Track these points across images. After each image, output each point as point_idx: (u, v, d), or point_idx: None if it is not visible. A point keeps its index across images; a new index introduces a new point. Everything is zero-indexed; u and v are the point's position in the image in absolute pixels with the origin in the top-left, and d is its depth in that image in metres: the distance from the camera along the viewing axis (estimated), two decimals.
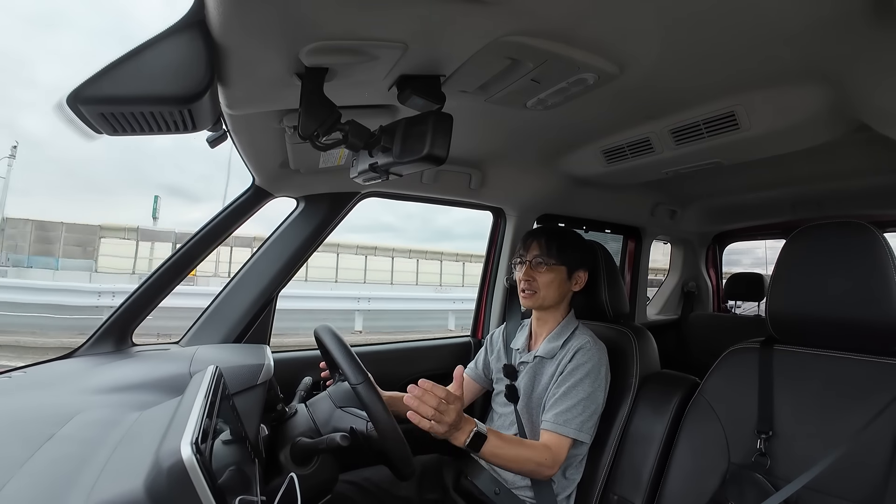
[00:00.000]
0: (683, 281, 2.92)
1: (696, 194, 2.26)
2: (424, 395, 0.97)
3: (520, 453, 1.13)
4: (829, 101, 1.00)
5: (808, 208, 2.16)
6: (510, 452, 1.12)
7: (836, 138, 1.18)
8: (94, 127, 0.71)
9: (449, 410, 0.98)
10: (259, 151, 1.23)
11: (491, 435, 1.07)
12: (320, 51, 0.74)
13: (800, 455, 1.00)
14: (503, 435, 1.15)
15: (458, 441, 1.03)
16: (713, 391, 1.19)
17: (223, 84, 0.80)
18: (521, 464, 1.14)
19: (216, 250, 1.39)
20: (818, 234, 1.08)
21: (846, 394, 1.00)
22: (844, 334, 1.03)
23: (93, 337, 1.24)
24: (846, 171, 1.67)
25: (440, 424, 0.98)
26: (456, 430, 1.02)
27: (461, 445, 1.03)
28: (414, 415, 0.98)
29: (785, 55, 0.87)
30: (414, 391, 0.97)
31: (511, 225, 1.94)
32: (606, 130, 1.34)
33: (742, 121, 1.11)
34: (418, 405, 0.97)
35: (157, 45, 0.65)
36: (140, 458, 0.59)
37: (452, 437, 1.02)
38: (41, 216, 21.19)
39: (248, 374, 1.11)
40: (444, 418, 0.98)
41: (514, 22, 0.72)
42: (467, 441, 1.03)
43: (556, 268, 1.33)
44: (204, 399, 0.69)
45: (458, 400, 1.01)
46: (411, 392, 0.98)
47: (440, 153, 0.78)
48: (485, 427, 1.07)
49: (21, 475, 0.63)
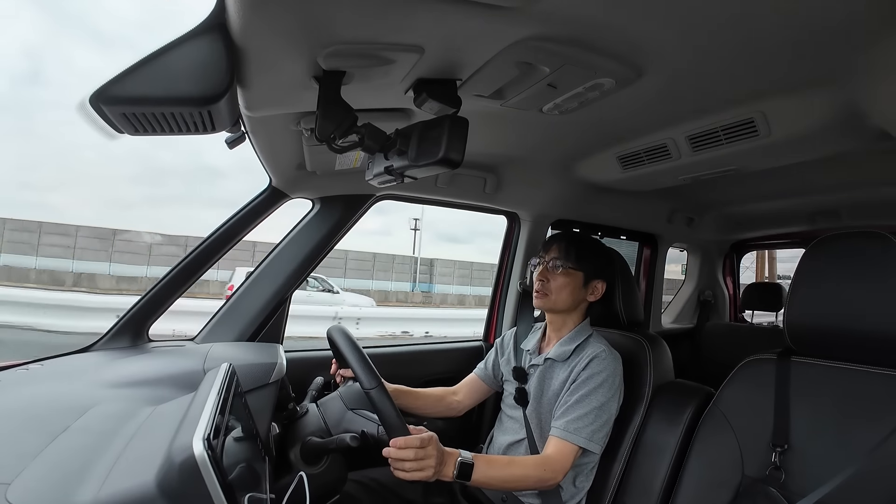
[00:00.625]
0: (699, 289, 2.88)
1: (714, 202, 2.23)
2: (399, 454, 0.96)
3: (513, 473, 1.12)
4: (851, 108, 0.98)
5: (827, 218, 2.12)
6: (503, 474, 1.10)
7: (856, 147, 1.16)
8: (116, 126, 0.72)
9: (427, 454, 0.97)
10: (276, 153, 1.25)
11: (478, 461, 1.05)
12: (338, 54, 0.75)
13: (815, 469, 0.98)
14: (492, 458, 1.14)
15: (447, 475, 1.01)
16: (728, 402, 1.17)
17: (242, 86, 0.81)
18: (519, 482, 1.13)
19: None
20: (838, 244, 1.06)
21: (864, 408, 0.98)
22: (863, 347, 1.00)
23: (110, 332, 1.27)
24: (866, 181, 1.64)
25: (425, 471, 0.97)
26: (442, 467, 1.00)
27: (451, 479, 1.02)
28: (399, 472, 0.97)
29: (805, 62, 0.85)
30: (389, 453, 0.96)
31: (525, 230, 1.94)
32: (623, 136, 1.33)
33: (761, 127, 1.09)
34: (398, 465, 0.96)
35: (178, 47, 0.67)
36: (152, 452, 0.60)
37: (441, 475, 1.01)
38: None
39: (261, 372, 1.12)
40: (426, 463, 0.97)
41: (532, 27, 0.72)
42: (455, 473, 1.02)
43: (573, 273, 1.32)
44: (217, 396, 0.70)
45: (432, 438, 1.00)
46: (387, 454, 0.97)
47: (455, 157, 0.78)
48: (470, 455, 1.05)
49: (36, 465, 0.64)
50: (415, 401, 1.41)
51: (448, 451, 1.03)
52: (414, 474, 0.97)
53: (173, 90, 0.67)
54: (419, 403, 1.42)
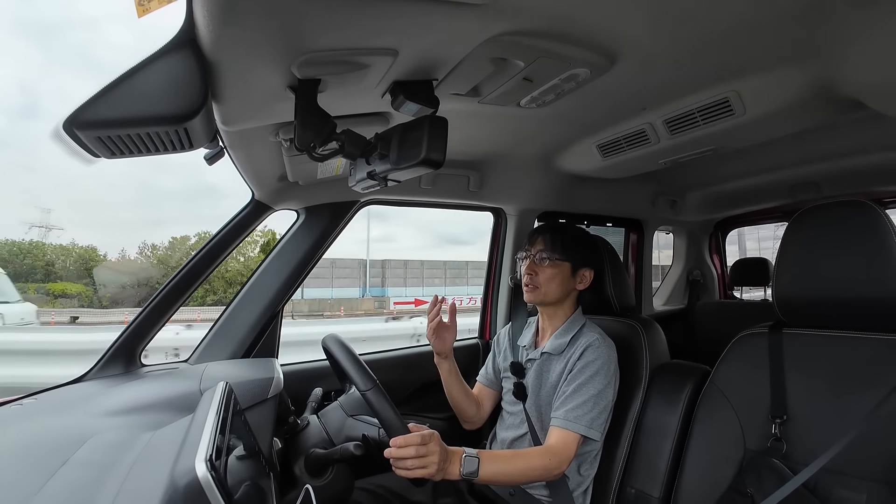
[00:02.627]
0: (688, 270, 2.91)
1: (696, 183, 2.25)
2: (400, 452, 0.95)
3: (518, 466, 1.12)
4: (823, 80, 1.00)
5: (807, 190, 2.16)
6: (509, 467, 1.10)
7: (830, 119, 1.18)
8: (92, 151, 0.71)
9: (430, 451, 0.97)
10: (257, 166, 1.23)
11: (483, 457, 1.05)
12: (312, 63, 0.74)
13: (815, 437, 0.99)
14: (496, 453, 1.14)
15: (454, 474, 1.01)
16: (725, 379, 1.19)
17: (217, 101, 0.80)
18: (525, 474, 1.13)
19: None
20: (819, 215, 1.07)
21: (858, 373, 0.99)
22: (852, 314, 1.02)
23: (101, 360, 1.25)
24: (843, 151, 1.67)
25: (429, 468, 0.96)
26: (447, 464, 1.00)
27: (457, 477, 1.01)
28: (401, 472, 0.96)
29: (776, 38, 0.87)
30: (390, 453, 0.96)
31: (512, 224, 1.94)
32: (601, 125, 1.34)
33: (736, 106, 1.10)
34: (399, 463, 0.96)
35: (149, 66, 0.66)
36: (156, 479, 0.59)
37: (447, 473, 1.00)
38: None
39: (259, 388, 1.11)
40: (428, 460, 0.96)
41: (503, 22, 0.72)
42: (462, 470, 1.01)
43: (560, 263, 1.33)
44: (216, 416, 0.69)
45: (433, 435, 0.99)
46: (388, 455, 0.96)
47: (437, 157, 0.79)
48: (474, 451, 1.05)
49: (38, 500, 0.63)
50: (462, 385, 1.44)
51: (452, 450, 1.02)
52: (417, 472, 0.96)
53: (147, 110, 0.66)
54: (462, 390, 1.44)
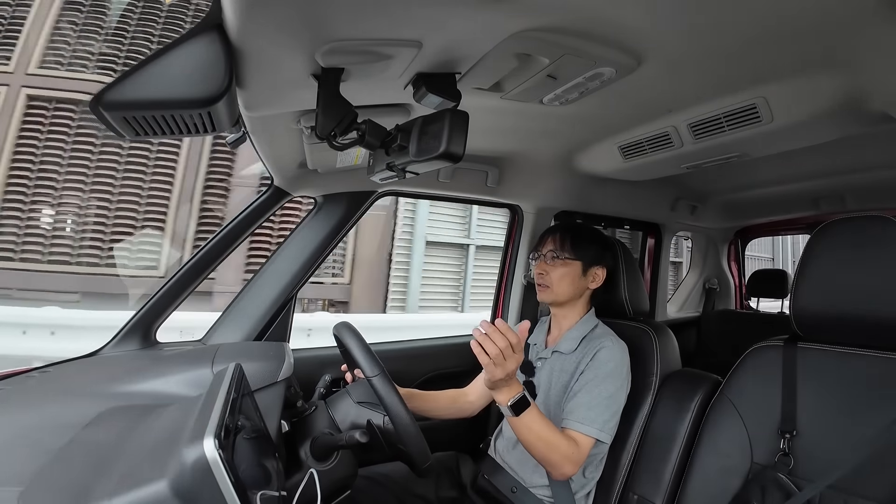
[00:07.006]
0: (705, 277, 2.87)
1: (718, 189, 2.22)
2: (494, 334, 0.95)
3: (552, 436, 1.09)
4: (852, 92, 0.97)
5: (832, 202, 2.11)
6: (544, 432, 1.08)
7: (858, 130, 1.15)
8: (117, 130, 0.72)
9: (511, 359, 0.96)
10: (277, 152, 1.25)
11: (534, 405, 1.06)
12: (336, 51, 0.74)
13: (824, 455, 0.98)
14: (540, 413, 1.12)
15: (502, 398, 1.02)
16: (736, 390, 1.17)
17: (241, 86, 0.81)
18: (549, 447, 1.09)
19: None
20: (843, 228, 1.05)
21: (871, 392, 0.97)
22: (870, 332, 1.00)
23: (118, 335, 1.27)
24: (870, 165, 1.63)
25: (498, 368, 0.96)
26: (505, 385, 1.01)
27: (504, 404, 1.02)
28: (476, 346, 0.96)
29: (807, 46, 0.84)
30: (485, 326, 0.95)
31: (528, 222, 1.93)
32: (624, 126, 1.32)
33: (764, 113, 1.08)
34: (484, 340, 0.95)
35: (177, 50, 0.67)
36: (164, 455, 0.61)
37: (499, 391, 1.01)
38: None
39: (269, 371, 1.13)
40: (505, 363, 0.96)
41: (530, 18, 0.72)
42: (511, 401, 1.02)
43: (571, 262, 1.32)
44: (226, 396, 0.70)
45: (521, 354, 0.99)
46: (482, 327, 0.96)
47: (456, 151, 0.78)
48: (530, 397, 1.06)
49: (47, 472, 0.65)
50: (426, 403, 1.40)
51: (516, 381, 1.03)
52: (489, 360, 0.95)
53: (172, 93, 0.67)
54: (431, 406, 1.41)
